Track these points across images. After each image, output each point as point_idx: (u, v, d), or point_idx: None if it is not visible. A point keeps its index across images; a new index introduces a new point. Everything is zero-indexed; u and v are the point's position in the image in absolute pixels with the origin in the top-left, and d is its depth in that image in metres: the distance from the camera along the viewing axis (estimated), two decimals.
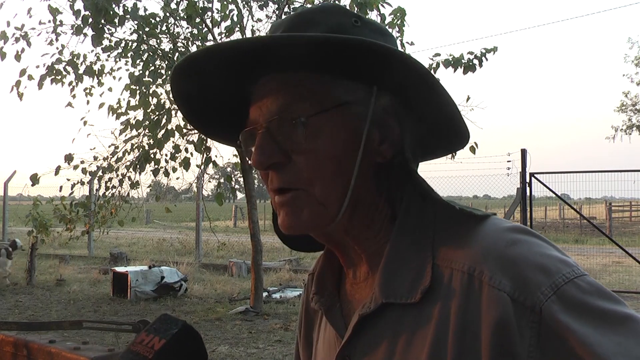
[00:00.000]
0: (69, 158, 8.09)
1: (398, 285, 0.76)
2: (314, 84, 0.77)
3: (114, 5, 7.00)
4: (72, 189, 8.46)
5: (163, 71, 7.73)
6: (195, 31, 7.78)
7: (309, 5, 7.95)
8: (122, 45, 7.92)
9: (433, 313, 0.72)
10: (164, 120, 7.71)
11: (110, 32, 7.57)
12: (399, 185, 0.82)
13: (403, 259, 0.77)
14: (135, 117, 7.99)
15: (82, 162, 8.36)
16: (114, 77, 8.58)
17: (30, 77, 7.93)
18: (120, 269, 10.11)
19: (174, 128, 7.95)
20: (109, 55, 8.14)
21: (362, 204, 0.79)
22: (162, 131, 7.76)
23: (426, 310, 0.73)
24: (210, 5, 8.00)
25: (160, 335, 0.80)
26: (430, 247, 0.76)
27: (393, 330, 0.76)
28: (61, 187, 8.45)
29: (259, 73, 0.80)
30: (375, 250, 0.81)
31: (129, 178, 8.48)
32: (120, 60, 8.20)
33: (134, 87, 7.79)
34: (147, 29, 7.54)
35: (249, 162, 0.87)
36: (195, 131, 8.13)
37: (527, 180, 10.39)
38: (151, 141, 7.91)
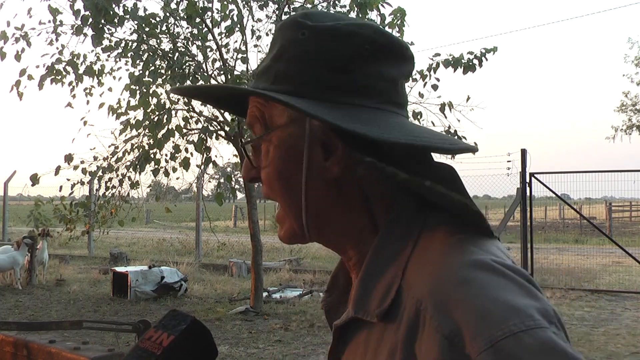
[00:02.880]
0: (69, 158, 8.09)
1: (368, 300, 0.73)
2: (261, 107, 0.82)
3: (114, 6, 7.00)
4: (72, 189, 8.46)
5: (163, 71, 7.73)
6: (195, 31, 7.78)
7: (308, 6, 7.98)
8: (122, 45, 7.92)
9: (389, 336, 0.69)
10: (164, 120, 7.71)
11: (110, 32, 7.57)
12: (386, 195, 0.79)
13: (378, 274, 0.74)
14: (135, 117, 7.99)
15: (82, 162, 8.36)
16: (114, 77, 8.59)
17: (30, 77, 7.93)
18: (120, 269, 10.12)
19: (174, 128, 7.95)
20: (109, 55, 8.14)
21: (326, 219, 0.80)
22: (162, 131, 7.76)
23: (385, 332, 0.70)
24: (210, 5, 8.00)
25: (169, 331, 0.79)
26: (404, 264, 0.72)
27: (363, 344, 0.74)
28: (61, 187, 8.45)
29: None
30: (359, 260, 0.80)
31: (129, 178, 8.48)
32: (120, 60, 8.20)
33: (134, 87, 7.78)
34: (147, 29, 7.54)
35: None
36: (196, 131, 8.14)
37: (527, 180, 10.39)
38: (151, 141, 7.91)
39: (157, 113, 7.76)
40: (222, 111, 7.91)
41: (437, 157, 0.87)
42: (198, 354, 0.81)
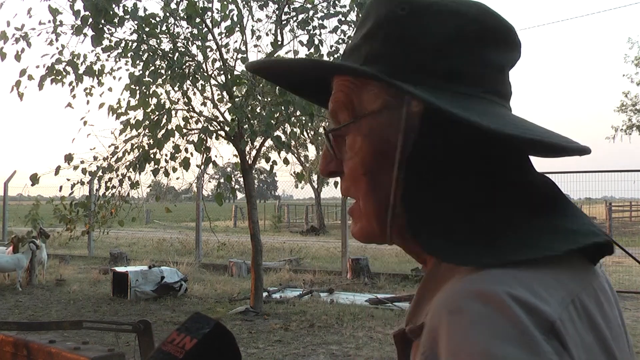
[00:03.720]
0: (69, 158, 8.09)
1: (418, 314, 0.68)
2: (349, 91, 0.73)
3: (113, 6, 7.01)
4: (72, 189, 8.47)
5: (163, 71, 7.73)
6: (195, 31, 7.78)
7: (308, 6, 7.97)
8: (122, 45, 7.92)
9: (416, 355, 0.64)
10: (164, 120, 7.71)
11: (110, 32, 7.58)
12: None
13: (430, 289, 0.68)
14: (135, 117, 7.99)
15: (82, 162, 8.37)
16: (114, 77, 8.59)
17: (30, 77, 7.93)
18: (120, 269, 10.12)
19: (174, 128, 7.95)
20: (109, 56, 8.14)
21: None
22: (162, 131, 7.76)
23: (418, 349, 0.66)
24: (210, 5, 8.00)
25: (192, 334, 0.77)
26: (453, 277, 0.64)
27: (413, 356, 0.68)
28: (61, 187, 8.45)
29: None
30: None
31: (129, 178, 8.48)
32: (120, 60, 8.20)
33: (134, 87, 7.79)
34: (147, 29, 7.55)
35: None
36: (195, 131, 8.14)
37: None
38: (151, 141, 7.91)
39: (157, 113, 7.76)
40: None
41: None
42: (221, 358, 0.79)
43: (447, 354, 0.55)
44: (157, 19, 7.74)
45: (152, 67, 7.65)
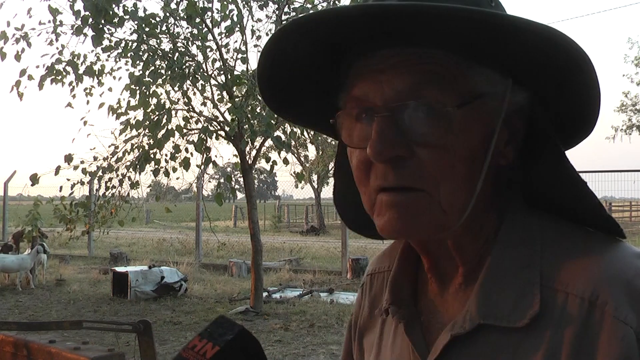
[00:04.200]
0: (69, 158, 8.09)
1: (498, 305, 0.67)
2: (451, 66, 0.66)
3: (113, 6, 7.01)
4: (72, 189, 8.47)
5: (163, 71, 7.73)
6: (195, 31, 7.78)
7: (308, 5, 7.99)
8: (122, 45, 7.92)
9: (541, 340, 0.64)
10: (164, 120, 7.71)
11: (110, 32, 7.58)
12: (506, 191, 0.73)
13: (505, 276, 0.68)
14: (135, 117, 8.00)
15: (82, 162, 8.37)
16: (114, 77, 8.59)
17: (30, 77, 7.94)
18: (120, 269, 10.12)
19: (174, 128, 7.95)
20: (109, 56, 8.14)
21: (476, 211, 0.69)
22: (162, 131, 7.77)
23: (532, 337, 0.65)
24: (210, 5, 8.01)
25: (214, 341, 0.73)
26: (538, 265, 0.67)
27: (487, 355, 0.67)
28: (61, 187, 8.45)
29: (375, 45, 0.67)
30: (476, 263, 0.72)
31: (129, 178, 8.48)
32: (120, 60, 8.20)
33: (134, 87, 7.79)
34: (147, 29, 7.55)
35: (345, 143, 0.72)
36: (195, 131, 8.14)
37: None
38: (151, 141, 7.92)
39: (157, 113, 7.76)
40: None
41: None
42: None
43: None
44: (157, 19, 7.74)
45: (152, 67, 7.65)
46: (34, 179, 7.96)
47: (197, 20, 7.69)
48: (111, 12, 6.96)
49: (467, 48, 0.65)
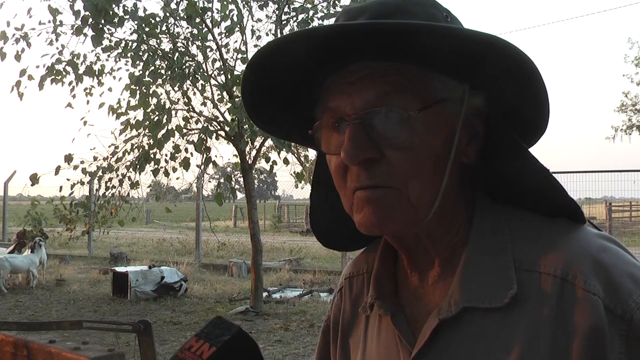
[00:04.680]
0: (68, 158, 8.09)
1: (479, 289, 0.74)
2: (414, 75, 0.73)
3: (113, 6, 7.01)
4: (72, 189, 8.47)
5: (163, 71, 7.73)
6: (195, 31, 7.78)
7: (308, 6, 7.98)
8: (122, 45, 7.92)
9: (520, 318, 0.71)
10: (164, 120, 7.71)
11: (110, 32, 7.58)
12: (473, 186, 0.81)
13: (482, 263, 0.76)
14: (135, 117, 8.00)
15: (82, 162, 8.37)
16: (114, 77, 8.59)
17: (30, 77, 7.94)
18: (120, 269, 10.12)
19: (174, 128, 7.95)
20: (109, 56, 8.15)
21: (445, 206, 0.76)
22: (162, 131, 7.76)
23: (512, 315, 0.72)
24: (210, 5, 8.00)
25: (211, 341, 0.73)
26: (510, 250, 0.75)
27: (472, 335, 0.74)
28: (61, 187, 8.45)
29: (346, 60, 0.74)
30: (450, 254, 0.79)
31: (129, 178, 8.48)
32: (120, 60, 8.20)
33: (134, 87, 7.79)
34: (147, 29, 7.55)
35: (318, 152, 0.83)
36: (195, 131, 8.14)
37: None
38: (151, 141, 7.91)
39: (157, 113, 7.76)
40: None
41: None
42: None
43: (626, 281, 0.69)
44: (157, 19, 7.74)
45: (152, 67, 7.65)
46: (34, 179, 7.96)
47: (197, 20, 7.68)
48: (111, 12, 6.96)
49: (425, 59, 0.72)
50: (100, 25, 6.96)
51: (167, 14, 7.81)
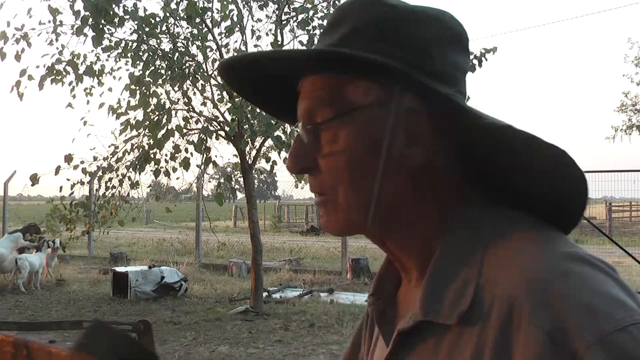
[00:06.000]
0: (68, 158, 8.09)
1: (440, 302, 0.70)
2: (333, 87, 0.74)
3: (113, 6, 7.00)
4: (72, 189, 8.47)
5: (163, 71, 7.73)
6: (195, 31, 7.78)
7: (308, 6, 7.98)
8: (122, 45, 7.92)
9: (469, 338, 0.66)
10: (164, 120, 7.71)
11: (110, 32, 7.58)
12: (456, 192, 0.76)
13: (449, 274, 0.71)
14: (135, 117, 8.00)
15: (82, 162, 8.37)
16: (114, 77, 8.59)
17: (30, 77, 7.93)
18: (120, 269, 10.12)
19: (174, 128, 7.95)
20: (109, 56, 8.14)
21: (397, 211, 0.74)
22: (162, 131, 7.77)
23: (464, 334, 0.67)
24: (210, 5, 8.01)
25: (90, 351, 0.72)
26: (479, 264, 0.68)
27: (430, 350, 0.70)
28: (61, 187, 8.45)
29: (301, 74, 0.79)
30: (425, 260, 0.75)
31: (129, 178, 8.49)
32: (120, 60, 8.21)
33: (134, 87, 7.79)
34: (147, 29, 7.55)
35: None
36: (196, 131, 8.14)
37: None
38: (151, 141, 7.91)
39: (157, 113, 7.76)
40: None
41: None
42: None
43: (579, 313, 0.59)
44: (157, 19, 7.73)
45: (152, 67, 7.64)
46: (34, 179, 7.96)
47: (197, 20, 7.68)
48: (111, 12, 6.95)
49: (344, 69, 0.73)
50: (100, 25, 6.96)
51: (167, 14, 7.81)
